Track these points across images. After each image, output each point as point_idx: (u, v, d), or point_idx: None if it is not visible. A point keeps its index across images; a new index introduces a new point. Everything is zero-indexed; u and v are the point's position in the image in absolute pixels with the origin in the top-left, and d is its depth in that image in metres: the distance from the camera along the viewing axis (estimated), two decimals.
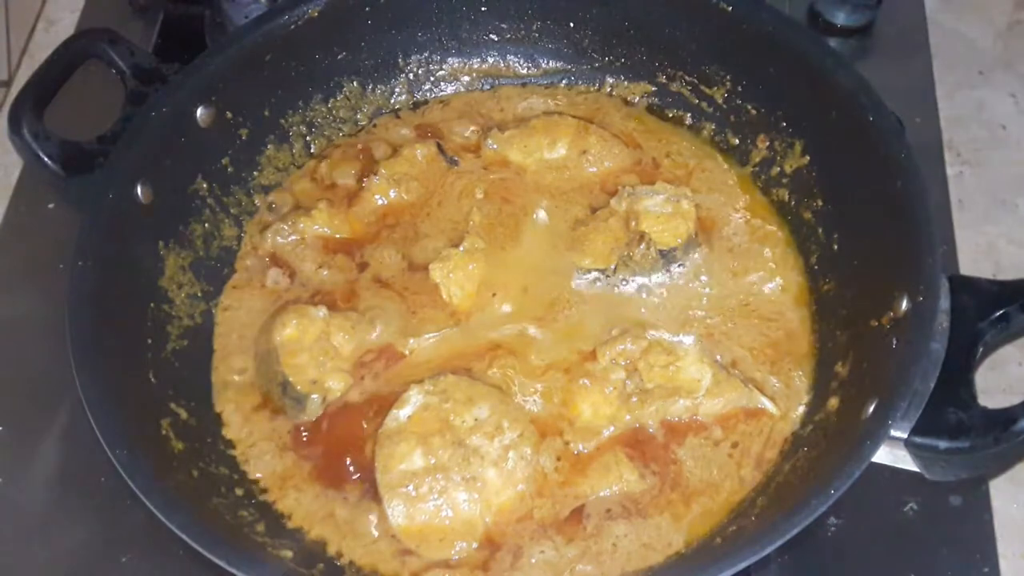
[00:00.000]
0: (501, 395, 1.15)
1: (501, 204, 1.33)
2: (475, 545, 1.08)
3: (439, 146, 1.37)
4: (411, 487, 1.08)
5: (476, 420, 1.12)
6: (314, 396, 1.16)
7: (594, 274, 1.26)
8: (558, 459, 1.13)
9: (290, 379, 1.16)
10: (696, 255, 1.27)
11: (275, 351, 1.17)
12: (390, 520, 1.09)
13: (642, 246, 1.23)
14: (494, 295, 1.25)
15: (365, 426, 1.16)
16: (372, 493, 1.11)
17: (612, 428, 1.15)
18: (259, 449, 1.16)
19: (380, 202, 1.34)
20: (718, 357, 1.19)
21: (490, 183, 1.35)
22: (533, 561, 1.07)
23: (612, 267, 1.25)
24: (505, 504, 1.10)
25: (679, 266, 1.26)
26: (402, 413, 1.13)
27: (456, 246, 1.27)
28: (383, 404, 1.16)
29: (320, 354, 1.18)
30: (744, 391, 1.15)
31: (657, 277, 1.25)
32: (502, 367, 1.19)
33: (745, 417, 1.15)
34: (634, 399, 1.15)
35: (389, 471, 1.10)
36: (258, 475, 1.14)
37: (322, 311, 1.20)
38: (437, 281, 1.25)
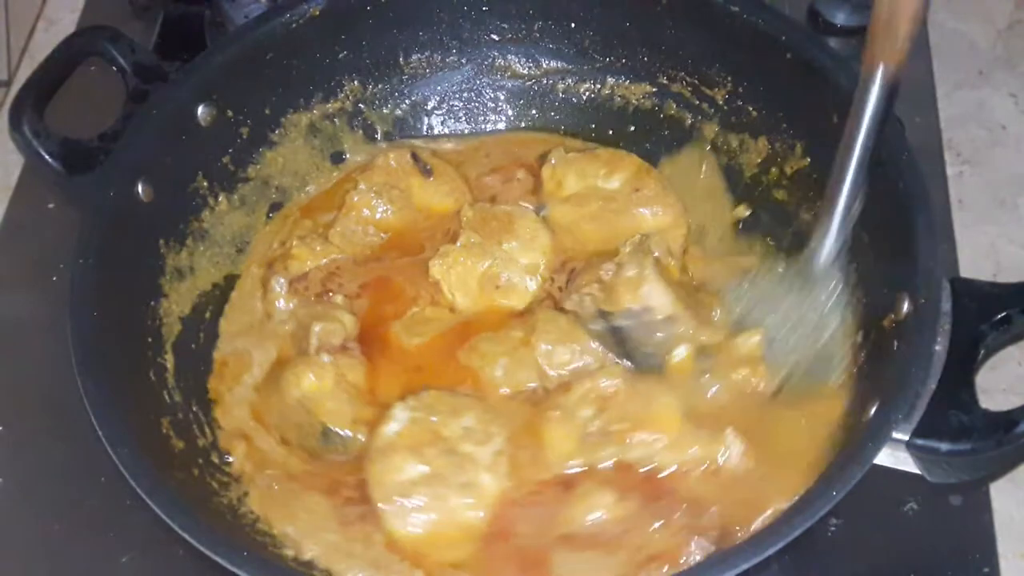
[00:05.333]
0: (483, 404, 1.15)
1: (490, 200, 1.34)
2: (475, 548, 1.07)
3: (413, 155, 1.35)
4: (407, 496, 1.08)
5: (464, 429, 1.12)
6: (359, 435, 1.15)
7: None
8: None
9: (331, 426, 1.15)
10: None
11: (301, 406, 1.16)
12: (388, 528, 1.08)
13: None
14: (497, 287, 1.25)
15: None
16: (369, 503, 1.10)
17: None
18: (258, 448, 1.16)
19: (365, 214, 1.32)
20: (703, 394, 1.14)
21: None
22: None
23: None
24: (502, 507, 1.09)
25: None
26: (389, 430, 1.12)
27: (453, 242, 1.27)
28: (383, 406, 1.16)
29: (344, 394, 1.17)
30: (709, 448, 1.08)
31: None
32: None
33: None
34: (592, 440, 1.11)
35: (384, 483, 1.09)
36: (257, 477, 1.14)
37: (326, 357, 1.18)
38: (437, 278, 1.25)
